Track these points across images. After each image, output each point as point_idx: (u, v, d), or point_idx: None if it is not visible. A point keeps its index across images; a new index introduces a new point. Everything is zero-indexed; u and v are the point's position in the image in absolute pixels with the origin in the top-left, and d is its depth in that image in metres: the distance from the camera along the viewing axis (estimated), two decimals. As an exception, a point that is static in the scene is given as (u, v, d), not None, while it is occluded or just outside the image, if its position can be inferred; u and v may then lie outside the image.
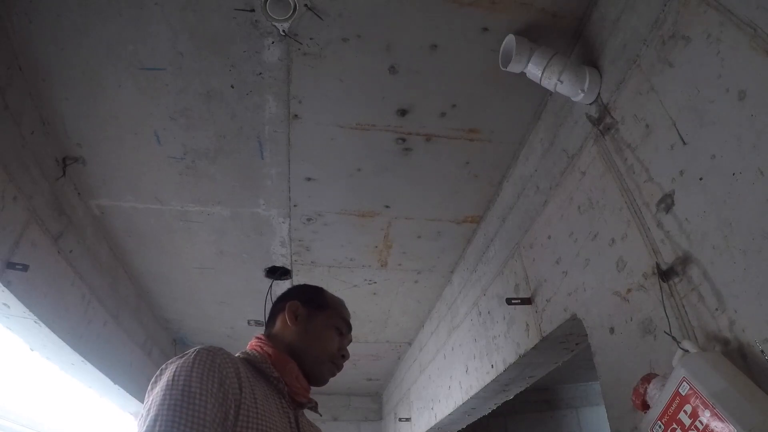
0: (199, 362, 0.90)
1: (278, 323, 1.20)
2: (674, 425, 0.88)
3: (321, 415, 1.18)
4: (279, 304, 1.24)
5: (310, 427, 1.14)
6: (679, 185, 1.10)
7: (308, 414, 1.17)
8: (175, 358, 0.92)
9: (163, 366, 0.92)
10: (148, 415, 0.83)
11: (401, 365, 4.14)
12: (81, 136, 1.82)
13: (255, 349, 1.10)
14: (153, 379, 0.91)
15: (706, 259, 1.01)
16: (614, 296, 1.31)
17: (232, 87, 1.63)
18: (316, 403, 1.15)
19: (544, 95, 1.71)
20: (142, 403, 0.90)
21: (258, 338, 1.15)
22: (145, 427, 0.81)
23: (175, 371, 0.88)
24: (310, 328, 1.18)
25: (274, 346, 1.11)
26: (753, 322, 0.89)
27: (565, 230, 1.59)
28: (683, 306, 1.06)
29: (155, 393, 0.86)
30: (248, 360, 1.04)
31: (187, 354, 0.92)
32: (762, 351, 0.85)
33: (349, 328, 1.27)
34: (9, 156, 1.61)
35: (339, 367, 1.21)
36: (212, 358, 0.92)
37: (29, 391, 2.73)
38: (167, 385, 0.86)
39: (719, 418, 0.79)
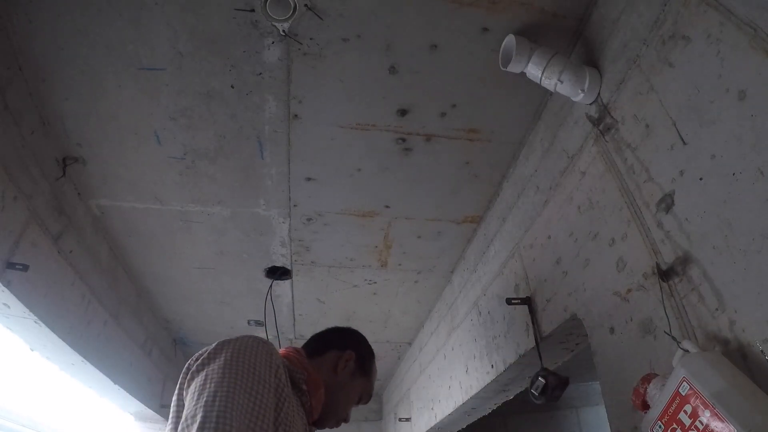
0: (258, 347, 0.91)
1: (327, 357, 1.23)
2: (674, 425, 0.88)
3: None
4: (339, 340, 1.28)
5: None
6: (679, 185, 1.10)
7: None
8: (223, 341, 0.92)
9: (211, 348, 0.91)
10: (203, 391, 0.82)
11: (401, 365, 4.14)
12: (81, 136, 1.82)
13: (293, 359, 1.11)
14: (199, 360, 0.90)
15: (706, 259, 1.01)
16: (614, 296, 1.31)
17: (232, 87, 1.63)
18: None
19: (544, 95, 1.71)
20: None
21: (297, 351, 1.16)
22: (203, 402, 0.80)
23: (233, 353, 0.88)
24: (348, 386, 1.23)
25: (313, 369, 1.13)
26: (753, 322, 0.89)
27: (565, 230, 1.59)
28: (683, 306, 1.06)
29: (211, 370, 0.85)
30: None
31: (239, 339, 0.92)
32: (762, 351, 0.85)
33: (369, 399, 1.32)
34: (9, 156, 1.61)
35: (338, 426, 1.26)
36: (268, 347, 0.93)
37: (29, 391, 2.73)
38: (226, 364, 0.86)
39: (719, 418, 0.79)
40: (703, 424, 0.82)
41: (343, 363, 1.22)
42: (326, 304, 3.07)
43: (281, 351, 1.13)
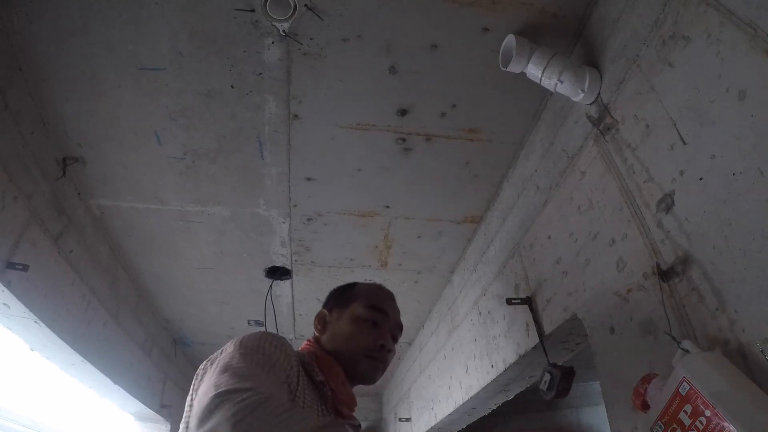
0: (270, 336, 0.92)
1: (316, 332, 1.19)
2: (674, 425, 0.88)
3: None
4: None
5: None
6: (679, 185, 1.10)
7: None
8: (235, 338, 0.94)
9: (225, 346, 0.93)
10: (216, 373, 0.83)
11: (401, 365, 4.14)
12: (81, 136, 1.82)
13: (305, 351, 1.09)
14: (209, 358, 0.93)
15: (706, 259, 1.00)
16: (614, 296, 1.31)
17: (232, 87, 1.63)
18: (359, 425, 1.08)
19: (544, 95, 1.71)
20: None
21: (308, 341, 1.15)
22: (216, 375, 0.81)
23: (244, 341, 0.91)
24: (337, 330, 1.13)
25: (319, 349, 1.10)
26: (753, 322, 0.89)
27: (566, 230, 1.59)
28: (683, 306, 1.06)
29: (223, 358, 0.87)
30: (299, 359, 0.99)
31: (251, 333, 0.95)
32: (762, 351, 0.85)
33: (384, 314, 1.15)
34: (9, 156, 1.61)
35: (381, 360, 1.11)
36: (281, 339, 0.94)
37: (29, 391, 2.73)
38: (236, 349, 0.88)
39: (719, 418, 0.79)
40: (703, 424, 0.82)
41: (317, 326, 1.16)
42: (326, 304, 3.07)
43: (300, 347, 1.12)
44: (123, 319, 2.70)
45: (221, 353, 0.91)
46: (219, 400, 0.75)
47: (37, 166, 1.77)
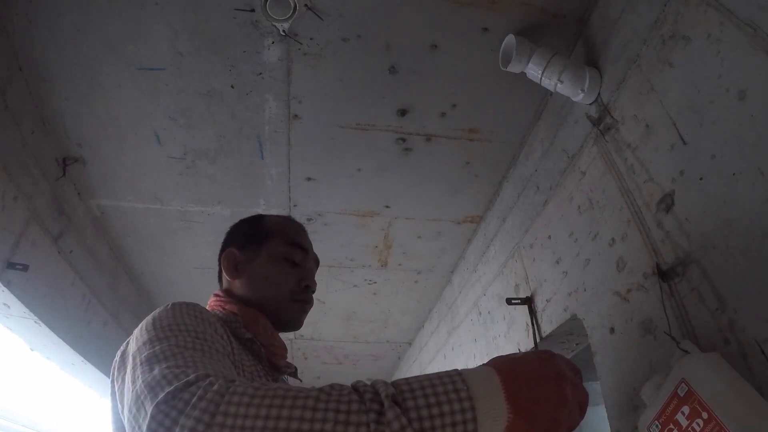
0: (181, 306, 0.77)
1: (223, 279, 1.03)
2: (671, 426, 0.88)
3: (302, 381, 1.02)
4: (220, 256, 1.05)
5: None
6: (679, 185, 1.10)
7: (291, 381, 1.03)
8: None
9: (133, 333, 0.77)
10: (138, 360, 0.66)
11: (401, 365, 4.14)
12: (81, 136, 1.82)
13: (218, 309, 0.94)
14: (121, 349, 0.78)
15: (706, 259, 1.00)
16: (614, 296, 1.31)
17: (232, 87, 1.63)
18: (296, 369, 1.01)
19: (544, 95, 1.70)
20: None
21: (216, 296, 1.00)
22: (140, 361, 0.65)
23: (148, 320, 0.74)
24: (255, 273, 0.99)
25: (236, 302, 0.95)
26: (753, 322, 0.89)
27: (565, 230, 1.58)
28: (683, 306, 1.06)
29: (138, 348, 0.69)
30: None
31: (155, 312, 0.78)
32: (762, 351, 0.85)
33: (304, 250, 1.06)
34: (9, 156, 1.61)
35: (307, 302, 1.03)
36: (195, 306, 0.79)
37: (29, 391, 2.73)
38: (152, 335, 0.69)
39: (717, 421, 0.79)
40: (700, 426, 0.82)
41: (229, 268, 0.99)
42: (326, 303, 3.07)
43: (208, 306, 0.97)
44: (123, 319, 2.70)
45: (130, 342, 0.74)
46: (166, 408, 0.55)
47: (37, 166, 1.77)
